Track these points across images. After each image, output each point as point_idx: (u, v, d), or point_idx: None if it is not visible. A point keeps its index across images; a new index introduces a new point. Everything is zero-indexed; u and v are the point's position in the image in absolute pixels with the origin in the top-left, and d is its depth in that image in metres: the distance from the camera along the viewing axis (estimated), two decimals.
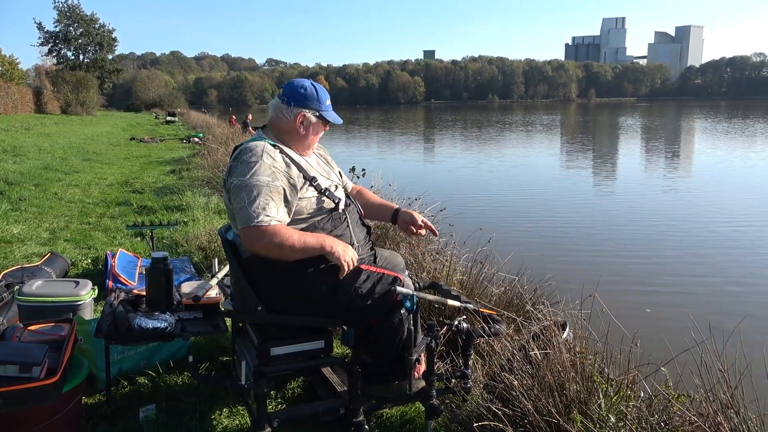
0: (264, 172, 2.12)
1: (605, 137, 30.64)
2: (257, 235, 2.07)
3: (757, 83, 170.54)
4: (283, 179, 2.15)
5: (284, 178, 2.16)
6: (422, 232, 2.64)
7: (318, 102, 2.32)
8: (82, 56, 50.02)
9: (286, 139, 2.33)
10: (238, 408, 2.59)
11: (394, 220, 2.66)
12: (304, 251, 2.13)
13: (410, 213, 2.64)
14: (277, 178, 2.14)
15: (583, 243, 7.82)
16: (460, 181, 13.82)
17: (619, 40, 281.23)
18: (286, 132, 2.33)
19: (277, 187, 2.13)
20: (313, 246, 2.13)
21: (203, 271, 4.37)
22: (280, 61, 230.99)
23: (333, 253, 2.15)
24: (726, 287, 5.97)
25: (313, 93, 2.32)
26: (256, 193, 2.09)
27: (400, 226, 2.67)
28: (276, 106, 2.34)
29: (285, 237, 2.08)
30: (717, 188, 12.67)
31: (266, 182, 2.11)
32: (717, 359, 2.08)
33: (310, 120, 2.32)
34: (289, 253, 2.11)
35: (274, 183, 2.13)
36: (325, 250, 2.15)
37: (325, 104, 2.35)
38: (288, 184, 2.17)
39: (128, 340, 2.54)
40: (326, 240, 2.17)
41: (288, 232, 2.10)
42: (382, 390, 2.34)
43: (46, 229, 5.99)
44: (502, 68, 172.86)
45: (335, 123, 2.41)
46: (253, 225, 2.05)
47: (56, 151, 13.59)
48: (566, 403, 2.14)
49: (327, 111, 2.35)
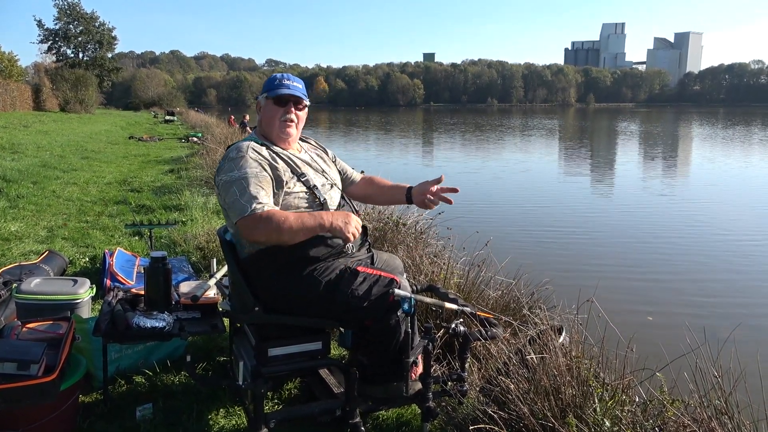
0: (250, 165, 2.17)
1: (604, 142, 30.71)
2: (254, 223, 2.07)
3: (755, 90, 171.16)
4: (269, 170, 2.20)
5: (270, 169, 2.20)
6: (438, 200, 2.53)
7: (269, 85, 2.38)
8: (82, 54, 50.04)
9: (268, 134, 2.38)
10: (235, 408, 2.59)
11: (408, 200, 2.60)
12: (304, 231, 2.11)
13: (422, 184, 2.56)
14: (264, 169, 2.19)
15: (581, 248, 7.84)
16: (458, 184, 13.76)
17: (618, 46, 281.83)
18: (262, 126, 2.40)
19: (265, 176, 2.17)
20: (312, 225, 2.12)
21: (201, 271, 4.38)
22: (279, 61, 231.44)
23: (335, 228, 2.13)
24: (722, 294, 5.99)
25: (269, 79, 2.41)
26: (245, 184, 2.12)
27: (417, 204, 2.57)
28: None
29: (282, 220, 2.07)
30: (715, 195, 12.71)
31: (254, 173, 2.15)
32: (711, 365, 2.09)
33: (262, 105, 2.39)
34: (289, 235, 2.09)
35: (262, 173, 2.17)
36: (325, 227, 2.13)
37: (275, 84, 2.36)
38: (274, 175, 2.21)
39: (126, 339, 2.54)
40: (324, 216, 2.15)
41: (283, 214, 2.10)
42: (378, 392, 2.35)
43: (44, 227, 5.99)
44: (501, 72, 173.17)
45: (280, 95, 2.33)
46: (248, 214, 2.06)
47: (55, 149, 13.57)
48: (562, 407, 2.15)
49: (273, 89, 2.35)
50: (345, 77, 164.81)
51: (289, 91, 2.35)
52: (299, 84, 2.41)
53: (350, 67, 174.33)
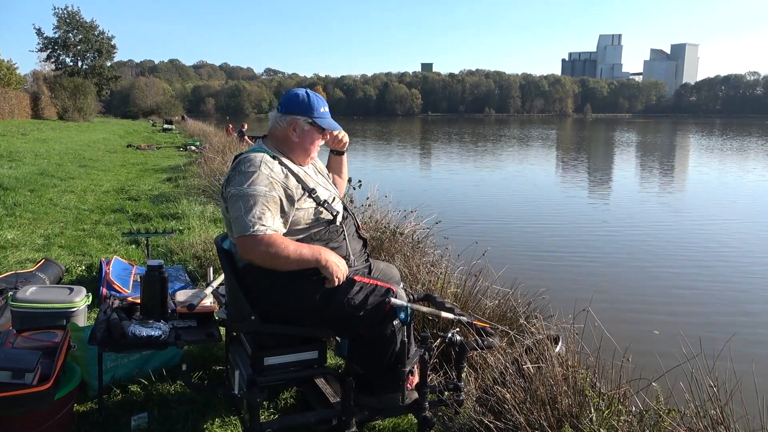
0: (261, 182, 2.13)
1: (602, 153, 30.82)
2: (253, 244, 2.08)
3: (751, 101, 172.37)
4: (280, 190, 2.17)
5: (281, 188, 2.17)
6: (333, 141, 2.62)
7: (310, 109, 2.33)
8: (81, 62, 50.16)
9: (285, 149, 2.34)
10: (231, 418, 2.58)
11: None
12: (299, 262, 2.14)
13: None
14: (274, 189, 2.15)
15: (577, 257, 7.85)
16: (456, 194, 13.86)
17: (615, 57, 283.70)
18: (283, 141, 2.34)
19: (274, 197, 2.14)
20: (309, 258, 2.15)
21: (198, 280, 4.37)
22: (278, 71, 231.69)
23: (327, 267, 2.16)
24: (717, 304, 6.00)
25: (305, 100, 2.34)
26: (252, 202, 2.10)
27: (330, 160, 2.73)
28: (273, 116, 2.37)
29: (281, 247, 2.09)
30: (712, 205, 12.75)
31: (263, 192, 2.12)
32: (707, 375, 2.10)
33: (302, 127, 2.33)
34: (284, 263, 2.12)
35: (271, 193, 2.14)
36: (320, 263, 2.16)
37: (319, 111, 2.35)
38: (285, 194, 2.18)
39: (122, 348, 2.54)
40: (322, 253, 2.18)
41: (284, 242, 2.11)
42: (375, 401, 2.34)
43: (41, 235, 5.98)
44: (499, 82, 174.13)
45: (330, 129, 2.41)
46: (249, 234, 2.07)
47: (52, 157, 13.57)
48: (558, 416, 2.15)
49: (320, 118, 2.35)
50: (343, 86, 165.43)
51: (335, 125, 2.43)
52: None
53: (348, 76, 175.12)
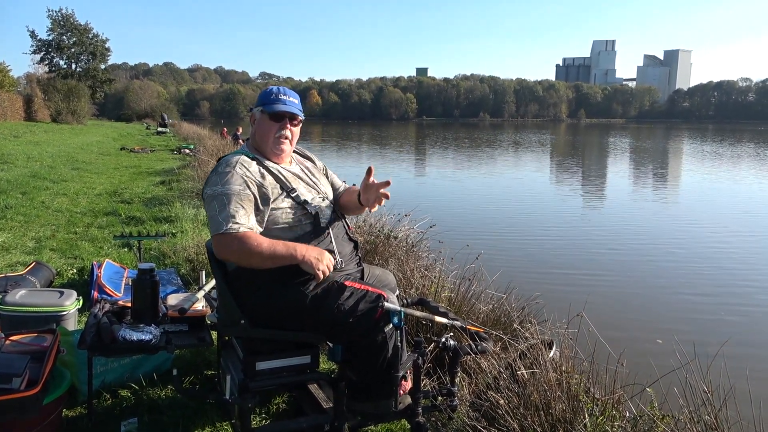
0: (235, 182, 2.15)
1: (595, 157, 30.96)
2: (226, 242, 2.07)
3: (743, 107, 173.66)
4: (254, 188, 2.17)
5: (256, 187, 2.18)
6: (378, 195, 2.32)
7: (265, 97, 2.35)
8: (75, 65, 49.90)
9: (261, 148, 2.36)
10: (222, 423, 2.56)
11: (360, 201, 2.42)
12: (273, 259, 2.10)
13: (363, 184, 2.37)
14: (249, 187, 2.16)
15: (571, 262, 7.86)
16: (450, 198, 13.88)
17: (608, 62, 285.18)
18: (256, 139, 2.38)
19: (248, 195, 2.15)
20: (283, 254, 2.11)
21: (190, 284, 4.34)
22: (273, 74, 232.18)
23: (306, 261, 2.11)
24: (711, 309, 6.01)
25: (265, 92, 2.38)
26: (226, 201, 2.11)
27: (363, 203, 2.39)
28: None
29: (254, 244, 2.07)
30: (706, 211, 12.81)
31: (237, 191, 2.13)
32: (702, 381, 2.09)
33: (257, 117, 2.36)
34: (259, 260, 2.10)
35: (245, 191, 2.15)
36: (296, 258, 2.11)
37: (271, 98, 2.33)
38: (259, 192, 2.18)
39: (112, 352, 2.50)
40: (298, 248, 2.13)
41: (257, 239, 2.09)
42: (367, 406, 2.32)
43: (32, 238, 5.93)
44: (493, 87, 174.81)
45: (276, 111, 2.30)
46: (222, 232, 2.07)
47: (45, 160, 13.49)
48: (552, 422, 2.13)
49: (269, 104, 2.32)
50: (338, 91, 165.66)
51: (285, 107, 2.33)
52: (295, 99, 2.39)
53: (343, 80, 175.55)
